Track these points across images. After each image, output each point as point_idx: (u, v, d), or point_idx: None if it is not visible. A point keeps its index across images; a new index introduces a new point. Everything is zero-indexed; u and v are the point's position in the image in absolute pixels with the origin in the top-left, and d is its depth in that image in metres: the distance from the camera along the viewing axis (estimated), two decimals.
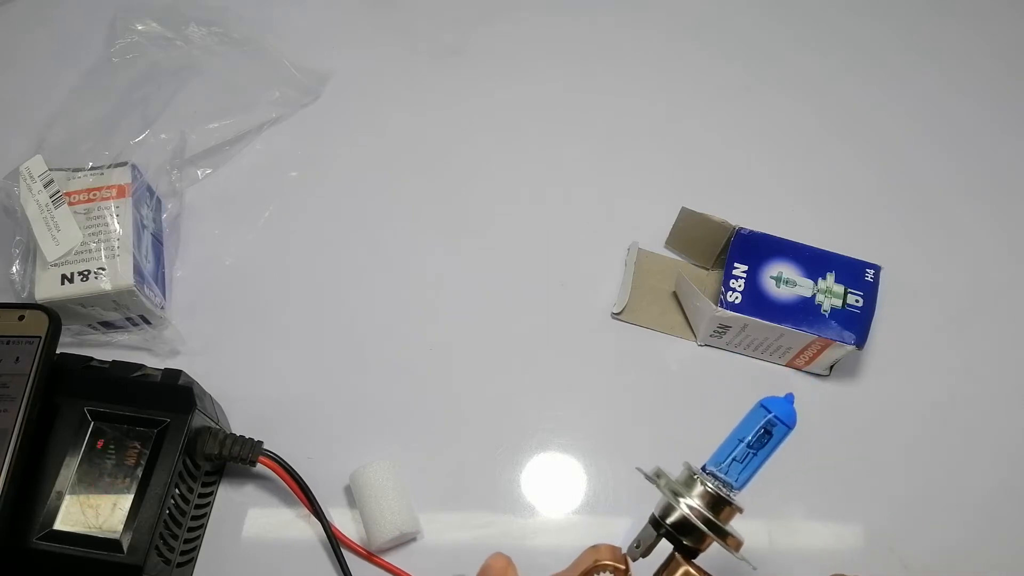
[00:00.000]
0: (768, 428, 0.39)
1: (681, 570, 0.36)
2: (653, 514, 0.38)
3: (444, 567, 0.47)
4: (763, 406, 0.39)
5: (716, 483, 0.38)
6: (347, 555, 0.47)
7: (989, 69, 0.68)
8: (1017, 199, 0.62)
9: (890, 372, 0.55)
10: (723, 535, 0.37)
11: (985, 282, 0.58)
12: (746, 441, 0.39)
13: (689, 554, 0.37)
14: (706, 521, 0.37)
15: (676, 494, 0.37)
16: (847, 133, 0.64)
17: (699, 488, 0.38)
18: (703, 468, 0.39)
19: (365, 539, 0.47)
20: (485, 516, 0.49)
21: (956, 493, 0.51)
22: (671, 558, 0.37)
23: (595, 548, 0.38)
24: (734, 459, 0.39)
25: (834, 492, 0.51)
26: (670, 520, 0.37)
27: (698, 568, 0.37)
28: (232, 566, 0.47)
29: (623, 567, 0.38)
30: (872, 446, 0.52)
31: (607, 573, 0.38)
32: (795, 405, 0.39)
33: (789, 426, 0.39)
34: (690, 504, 0.37)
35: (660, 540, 0.38)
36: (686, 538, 0.37)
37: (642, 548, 0.38)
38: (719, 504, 0.37)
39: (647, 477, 0.39)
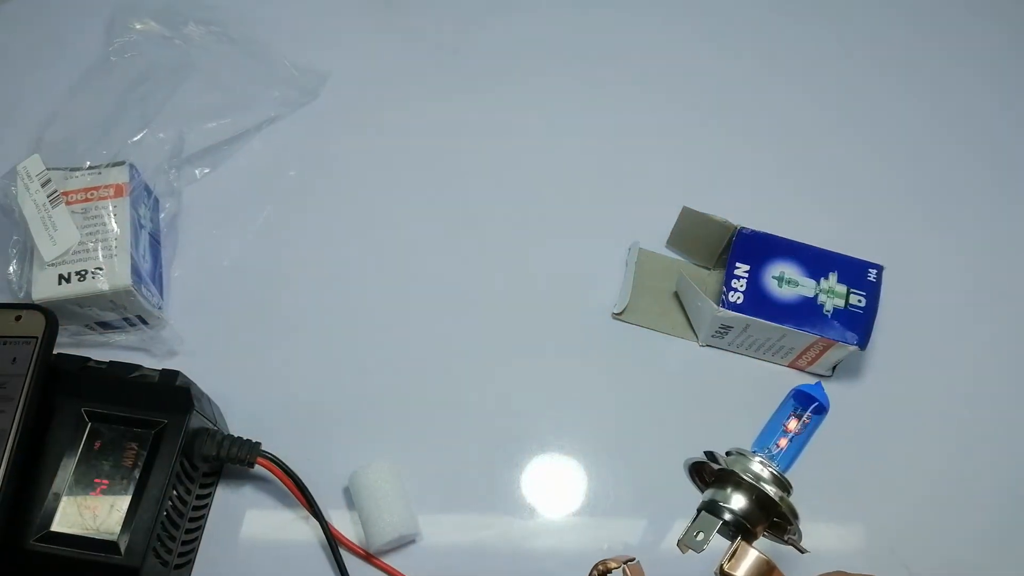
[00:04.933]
0: (808, 415, 0.39)
1: (752, 556, 0.36)
2: (706, 502, 0.38)
3: (443, 569, 0.47)
4: (801, 391, 0.39)
5: (772, 465, 0.38)
6: (346, 557, 0.47)
7: (990, 68, 0.68)
8: (1020, 198, 0.62)
9: (893, 373, 0.54)
10: (796, 514, 0.37)
11: (988, 282, 0.58)
12: (789, 428, 0.39)
13: (748, 540, 0.37)
14: (782, 499, 0.36)
15: (747, 473, 0.37)
16: (849, 133, 0.64)
17: (767, 473, 0.37)
18: (752, 453, 0.38)
19: (364, 541, 0.47)
20: (485, 518, 0.49)
21: (958, 493, 0.51)
22: (736, 546, 0.36)
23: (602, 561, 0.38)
24: (778, 445, 0.38)
25: (834, 492, 0.51)
26: (738, 504, 0.37)
27: (762, 552, 0.36)
28: (230, 568, 0.47)
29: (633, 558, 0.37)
30: (874, 447, 0.52)
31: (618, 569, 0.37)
32: None
33: (826, 408, 0.39)
34: (773, 489, 0.37)
35: (717, 529, 0.37)
36: (749, 522, 0.37)
37: (705, 537, 0.37)
38: (782, 485, 0.37)
39: (710, 459, 0.38)
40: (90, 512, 0.40)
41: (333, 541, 0.46)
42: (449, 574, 0.47)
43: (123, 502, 0.40)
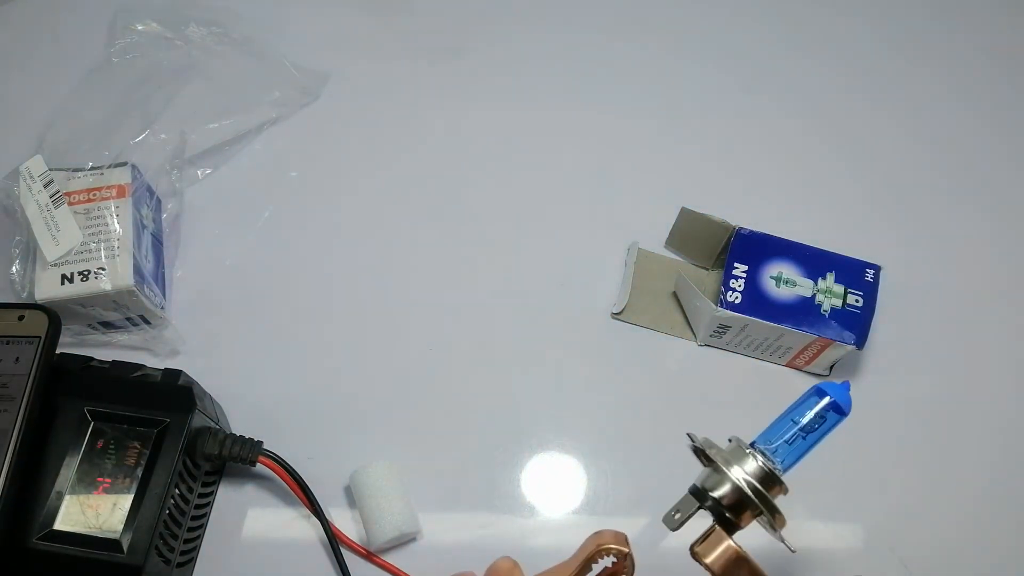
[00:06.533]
0: (823, 413, 0.38)
1: (723, 544, 0.35)
2: (695, 485, 0.38)
3: (444, 567, 0.47)
4: (821, 390, 0.38)
5: (765, 460, 0.37)
6: (347, 555, 0.47)
7: (987, 71, 0.68)
8: (1016, 199, 0.62)
9: (890, 372, 0.55)
10: (773, 511, 0.36)
11: (984, 282, 0.58)
12: (800, 424, 0.38)
13: (729, 529, 0.36)
14: (759, 495, 0.36)
15: (729, 465, 0.37)
16: (847, 133, 0.64)
17: (751, 463, 0.37)
18: (752, 444, 0.38)
19: (365, 539, 0.47)
20: (485, 516, 0.49)
21: (956, 493, 0.51)
22: (710, 531, 0.36)
23: (598, 533, 0.38)
24: (784, 440, 0.38)
25: (834, 492, 0.51)
26: (719, 491, 0.37)
27: (736, 544, 0.36)
28: (232, 566, 0.47)
29: (626, 550, 0.37)
30: (872, 446, 0.52)
31: (611, 557, 0.37)
32: None
33: (845, 413, 0.38)
34: (745, 477, 0.36)
35: (696, 512, 0.37)
36: (731, 512, 0.36)
37: (681, 517, 0.37)
38: (769, 481, 0.37)
39: (696, 444, 0.38)
40: (93, 511, 0.40)
41: (334, 539, 0.46)
42: (449, 572, 0.47)
43: (126, 501, 0.40)
